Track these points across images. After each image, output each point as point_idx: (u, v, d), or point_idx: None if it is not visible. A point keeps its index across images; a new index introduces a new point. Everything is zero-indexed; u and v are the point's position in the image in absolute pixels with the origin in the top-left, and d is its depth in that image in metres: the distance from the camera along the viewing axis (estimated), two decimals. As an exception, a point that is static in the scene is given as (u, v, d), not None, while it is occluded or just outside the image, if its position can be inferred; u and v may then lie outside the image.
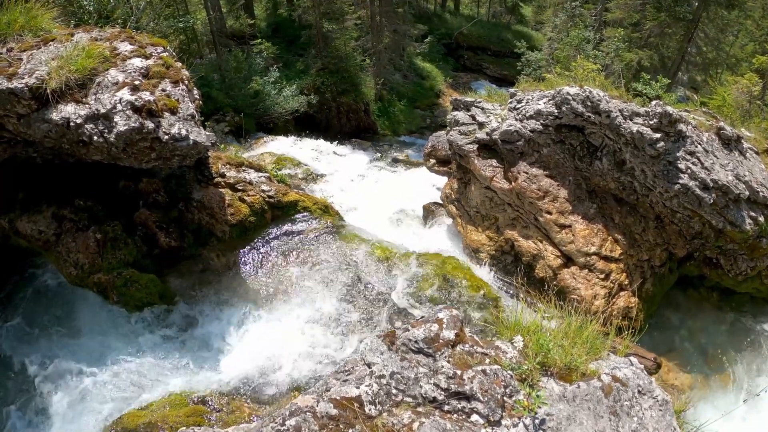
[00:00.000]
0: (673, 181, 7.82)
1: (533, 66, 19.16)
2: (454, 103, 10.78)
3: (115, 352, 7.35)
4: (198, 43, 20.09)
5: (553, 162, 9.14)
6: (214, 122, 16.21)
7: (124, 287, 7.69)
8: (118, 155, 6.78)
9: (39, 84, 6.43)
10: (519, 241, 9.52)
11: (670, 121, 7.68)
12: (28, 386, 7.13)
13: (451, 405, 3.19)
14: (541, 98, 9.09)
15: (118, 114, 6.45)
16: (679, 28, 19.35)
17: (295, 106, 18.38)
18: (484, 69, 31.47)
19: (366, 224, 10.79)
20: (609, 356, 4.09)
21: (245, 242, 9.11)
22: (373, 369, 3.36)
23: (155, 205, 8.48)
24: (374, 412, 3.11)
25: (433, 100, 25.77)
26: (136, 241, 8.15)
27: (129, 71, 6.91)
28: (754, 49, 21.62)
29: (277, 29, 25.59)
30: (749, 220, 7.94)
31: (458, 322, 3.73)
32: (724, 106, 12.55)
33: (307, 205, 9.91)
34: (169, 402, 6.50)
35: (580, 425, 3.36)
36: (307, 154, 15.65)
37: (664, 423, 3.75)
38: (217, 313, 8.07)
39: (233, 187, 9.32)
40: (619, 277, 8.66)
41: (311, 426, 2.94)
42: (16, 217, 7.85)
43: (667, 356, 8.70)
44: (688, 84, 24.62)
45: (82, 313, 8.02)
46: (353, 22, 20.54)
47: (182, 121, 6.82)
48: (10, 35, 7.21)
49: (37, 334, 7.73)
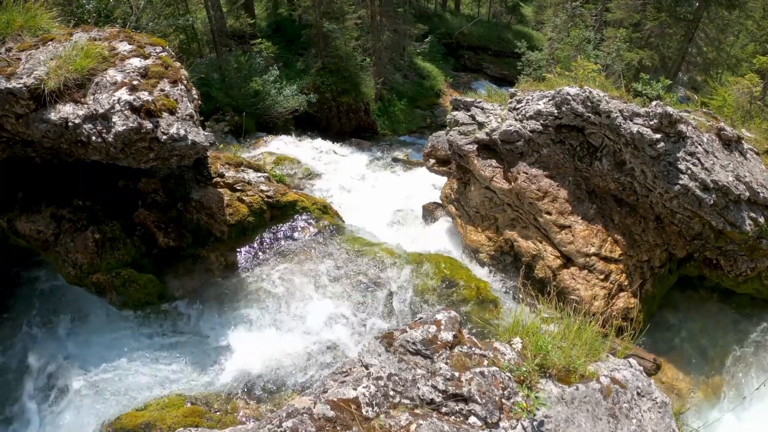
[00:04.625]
0: (673, 181, 7.80)
1: (533, 66, 19.13)
2: (454, 103, 10.76)
3: (114, 352, 7.33)
4: (198, 42, 20.08)
5: (553, 162, 9.12)
6: (214, 122, 16.20)
7: (123, 287, 7.68)
8: (116, 155, 6.77)
9: (37, 84, 6.41)
10: (518, 242, 9.50)
11: (671, 122, 7.66)
12: (27, 386, 7.11)
13: (448, 407, 3.17)
14: (541, 98, 9.07)
15: (117, 114, 6.44)
16: (679, 28, 19.34)
17: (295, 106, 18.37)
18: (485, 69, 31.46)
19: (365, 224, 10.77)
20: (608, 358, 4.07)
21: (244, 242, 9.10)
22: (370, 370, 3.35)
23: (154, 204, 8.46)
24: (372, 414, 3.10)
25: (433, 99, 25.76)
26: (135, 241, 8.13)
27: (127, 71, 6.90)
28: (755, 49, 21.61)
29: (277, 29, 25.60)
30: (749, 221, 7.92)
31: (456, 323, 3.71)
32: (725, 107, 12.53)
33: (306, 205, 9.90)
34: (167, 402, 6.49)
35: (578, 427, 3.35)
36: (306, 154, 15.63)
37: (663, 425, 3.74)
38: (215, 313, 8.06)
39: (232, 187, 9.31)
40: (619, 278, 8.64)
41: (308, 428, 2.92)
42: (15, 216, 7.83)
43: (666, 357, 8.68)
44: (689, 84, 24.61)
45: (81, 314, 8.00)
46: (353, 22, 20.53)
47: (181, 121, 6.80)
48: (8, 35, 7.19)
49: (36, 334, 7.72)
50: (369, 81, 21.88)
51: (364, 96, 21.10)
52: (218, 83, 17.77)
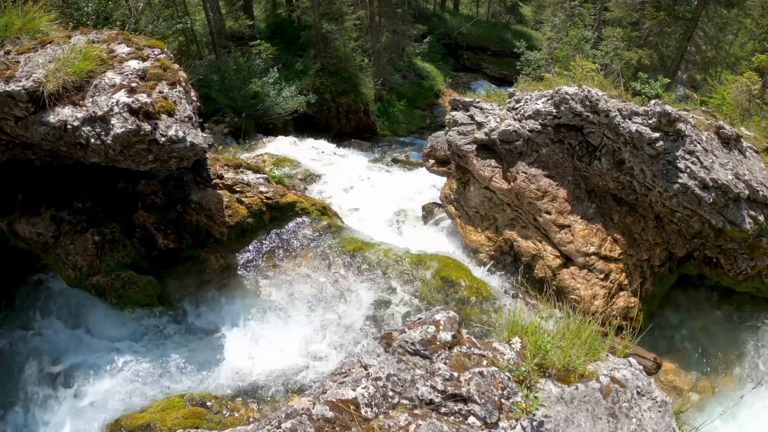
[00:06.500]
0: (672, 180, 7.80)
1: (532, 66, 19.13)
2: (453, 103, 10.76)
3: (113, 354, 7.33)
4: (197, 44, 20.08)
5: (552, 162, 9.12)
6: (214, 123, 16.19)
7: (123, 289, 7.68)
8: (115, 157, 6.77)
9: (36, 87, 6.42)
10: (518, 241, 9.50)
11: (669, 121, 7.66)
12: (27, 387, 7.11)
13: (448, 407, 3.17)
14: (540, 98, 9.07)
15: (115, 116, 6.44)
16: (678, 27, 19.33)
17: (295, 107, 18.37)
18: (484, 69, 31.46)
19: (365, 225, 10.77)
20: (608, 357, 4.07)
21: (243, 243, 9.09)
22: (369, 371, 3.34)
23: (153, 206, 8.47)
24: (371, 415, 3.10)
25: (432, 100, 25.76)
26: (135, 243, 8.13)
27: (126, 73, 6.90)
28: (754, 47, 21.58)
29: (276, 30, 25.62)
30: (749, 219, 7.92)
31: (455, 323, 3.71)
32: (724, 105, 12.50)
33: (305, 207, 9.90)
34: (167, 404, 6.49)
35: (578, 427, 3.34)
36: (306, 155, 15.62)
37: (663, 424, 3.74)
38: (215, 314, 8.06)
39: (231, 188, 9.30)
40: (619, 277, 8.64)
41: (307, 428, 2.92)
42: (15, 219, 7.84)
43: (667, 356, 8.68)
44: (688, 83, 24.61)
45: (81, 316, 8.00)
46: (352, 23, 20.54)
47: (179, 123, 6.80)
48: (7, 38, 7.19)
49: (36, 336, 7.72)
50: (368, 82, 21.89)
51: (364, 97, 21.11)
52: (217, 85, 17.77)
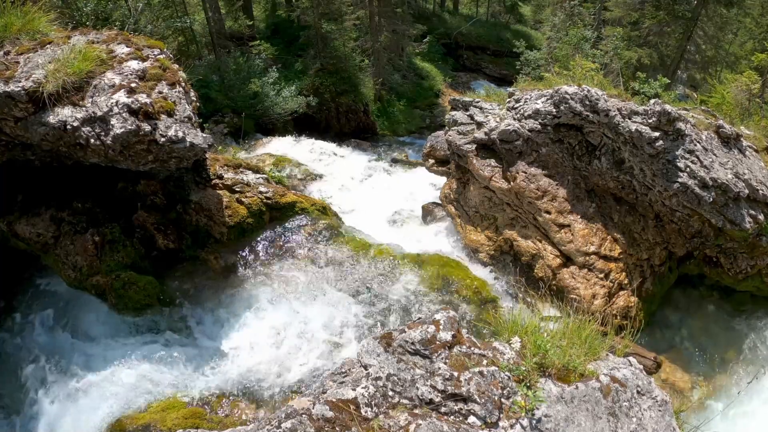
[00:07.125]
0: (672, 179, 7.80)
1: (532, 65, 19.12)
2: (453, 103, 10.76)
3: (113, 354, 7.32)
4: (197, 44, 20.08)
5: (552, 161, 9.12)
6: (214, 123, 16.20)
7: (123, 289, 7.68)
8: (115, 158, 6.78)
9: (36, 87, 6.42)
10: (518, 241, 9.50)
11: (669, 120, 7.66)
12: (27, 387, 7.12)
13: (447, 407, 3.17)
14: (540, 97, 9.07)
15: (115, 117, 6.45)
16: (678, 26, 19.31)
17: (294, 107, 18.38)
18: (484, 68, 31.46)
19: (364, 225, 10.76)
20: (608, 356, 4.07)
21: (243, 244, 9.09)
22: (369, 371, 3.35)
23: (153, 207, 8.47)
24: (371, 414, 3.10)
25: (432, 100, 25.75)
26: (135, 243, 8.13)
27: (125, 74, 6.90)
28: (754, 46, 21.55)
29: (275, 30, 25.60)
30: (749, 219, 7.92)
31: (455, 323, 3.71)
32: (724, 105, 12.50)
33: (305, 207, 9.89)
34: (168, 404, 6.49)
35: (578, 426, 3.35)
36: (306, 155, 15.63)
37: (663, 423, 3.74)
38: (215, 315, 8.06)
39: (231, 188, 9.30)
40: (619, 277, 8.64)
41: (307, 428, 2.92)
42: (15, 219, 7.84)
43: (667, 356, 8.68)
44: (688, 82, 24.60)
45: (81, 316, 8.00)
46: (352, 23, 20.53)
47: (179, 123, 6.81)
48: (7, 38, 7.20)
49: (36, 337, 7.72)
50: (368, 82, 21.88)
51: (363, 97, 21.10)
52: (217, 85, 17.78)
